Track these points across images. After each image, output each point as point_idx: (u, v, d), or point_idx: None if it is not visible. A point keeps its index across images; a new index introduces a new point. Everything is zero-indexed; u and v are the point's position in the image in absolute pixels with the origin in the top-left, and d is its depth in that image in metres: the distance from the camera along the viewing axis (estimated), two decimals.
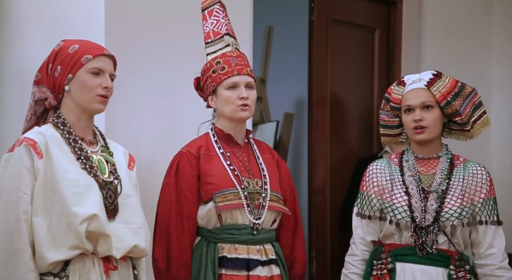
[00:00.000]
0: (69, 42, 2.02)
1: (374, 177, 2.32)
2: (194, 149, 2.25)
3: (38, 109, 2.04)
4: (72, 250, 1.87)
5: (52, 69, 1.99)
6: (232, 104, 2.25)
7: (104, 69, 1.99)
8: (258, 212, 2.23)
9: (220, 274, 2.19)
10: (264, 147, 2.40)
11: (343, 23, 3.72)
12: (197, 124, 2.38)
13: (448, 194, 2.24)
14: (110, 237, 1.90)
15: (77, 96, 1.97)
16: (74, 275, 1.88)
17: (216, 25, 2.34)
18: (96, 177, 1.95)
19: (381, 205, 2.28)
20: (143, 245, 1.98)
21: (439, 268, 2.22)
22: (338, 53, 3.70)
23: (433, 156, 2.30)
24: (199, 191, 2.22)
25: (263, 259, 2.23)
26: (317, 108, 3.64)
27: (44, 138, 1.92)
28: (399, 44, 3.86)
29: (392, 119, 2.36)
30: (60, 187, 1.87)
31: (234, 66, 2.27)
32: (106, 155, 2.02)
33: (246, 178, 2.25)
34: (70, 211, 1.86)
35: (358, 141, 3.84)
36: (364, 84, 3.85)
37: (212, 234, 2.23)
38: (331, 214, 3.67)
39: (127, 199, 1.99)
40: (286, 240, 2.33)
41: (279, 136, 4.30)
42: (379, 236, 2.31)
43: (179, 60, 2.74)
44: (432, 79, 2.29)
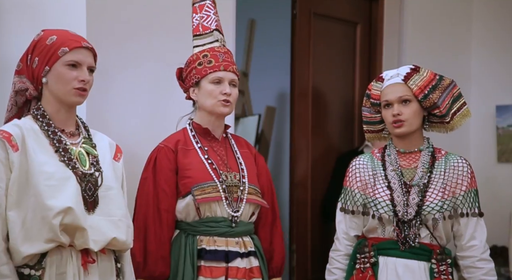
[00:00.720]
0: (48, 33, 1.98)
1: (357, 172, 2.33)
2: (172, 144, 2.25)
3: (20, 99, 2.01)
4: (47, 243, 1.85)
5: (31, 60, 1.96)
6: (214, 98, 2.26)
7: (82, 61, 1.95)
8: (237, 205, 2.25)
9: (199, 266, 2.20)
10: (242, 142, 2.41)
11: (326, 17, 3.73)
12: (179, 116, 2.38)
13: (430, 188, 2.26)
14: (86, 230, 1.88)
15: (54, 88, 1.94)
16: (50, 268, 1.86)
17: (206, 19, 2.34)
18: (75, 169, 1.92)
19: (364, 200, 2.30)
20: (123, 238, 1.95)
21: (421, 262, 2.23)
22: (321, 47, 3.71)
23: (415, 150, 2.31)
24: (177, 185, 2.23)
25: (242, 251, 2.24)
26: (299, 101, 3.65)
27: (20, 131, 1.89)
28: (381, 39, 3.88)
29: (374, 115, 2.38)
30: (35, 180, 1.85)
31: (221, 61, 2.28)
32: (87, 147, 1.99)
33: (224, 171, 2.26)
34: (44, 204, 1.84)
35: (340, 135, 3.86)
36: (346, 78, 3.86)
37: (191, 227, 2.23)
38: (312, 207, 3.68)
39: (108, 191, 1.97)
40: (265, 233, 2.35)
41: (261, 129, 4.31)
42: (362, 230, 2.32)
43: (161, 51, 2.73)
44: (409, 73, 2.30)
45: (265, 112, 4.30)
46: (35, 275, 1.85)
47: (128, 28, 2.67)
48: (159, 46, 2.74)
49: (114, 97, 2.63)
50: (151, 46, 2.73)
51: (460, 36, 4.16)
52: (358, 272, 2.26)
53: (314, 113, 3.70)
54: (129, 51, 2.66)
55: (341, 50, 3.85)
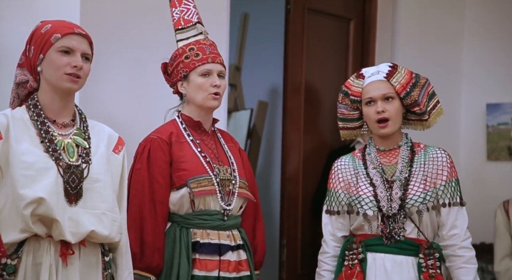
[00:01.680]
0: (44, 23, 1.98)
1: (340, 173, 2.35)
2: (166, 135, 2.25)
3: (21, 92, 1.99)
4: (20, 233, 1.83)
5: (28, 50, 1.96)
6: (205, 91, 2.26)
7: (75, 48, 1.94)
8: (229, 198, 2.25)
9: (194, 259, 2.20)
10: (227, 136, 2.42)
11: (319, 13, 3.73)
12: (169, 106, 2.38)
13: (411, 181, 2.27)
14: (59, 222, 1.85)
15: (48, 75, 1.94)
16: (27, 257, 1.85)
17: (187, 13, 2.34)
18: (59, 160, 1.90)
19: (348, 199, 2.31)
20: (104, 232, 1.92)
21: (409, 257, 2.25)
22: (314, 43, 3.72)
23: (394, 147, 2.33)
24: (171, 177, 2.22)
25: (232, 244, 2.25)
26: (291, 97, 3.66)
27: (6, 120, 1.88)
28: (374, 35, 3.89)
29: (352, 112, 2.38)
30: (13, 169, 1.84)
31: (208, 54, 2.28)
32: (78, 138, 1.97)
33: (217, 165, 2.27)
34: (18, 193, 1.82)
35: (332, 131, 3.85)
36: (338, 74, 3.87)
37: (184, 219, 2.23)
38: (303, 202, 3.69)
39: (94, 184, 1.94)
40: (248, 227, 2.35)
41: (253, 124, 4.30)
42: (349, 230, 2.34)
43: (153, 40, 2.73)
44: (390, 71, 2.32)
45: (257, 107, 4.30)
46: (11, 264, 1.84)
47: (121, 19, 2.67)
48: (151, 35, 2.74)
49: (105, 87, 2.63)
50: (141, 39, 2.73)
51: (452, 33, 4.18)
52: (347, 268, 2.28)
53: (306, 109, 3.71)
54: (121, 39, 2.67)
55: (334, 46, 3.85)
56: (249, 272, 2.28)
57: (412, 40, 3.94)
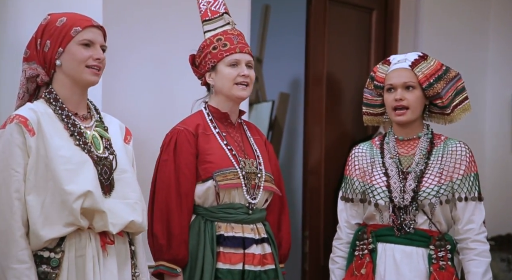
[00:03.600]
0: (56, 16, 1.97)
1: (356, 160, 2.34)
2: (192, 127, 2.25)
3: (30, 86, 2.00)
4: (66, 227, 1.86)
5: (41, 44, 1.95)
6: (232, 81, 2.26)
7: (94, 40, 1.96)
8: (254, 192, 2.25)
9: (218, 252, 2.21)
10: (254, 128, 2.42)
11: (341, 3, 3.70)
12: (192, 99, 2.38)
13: (426, 173, 2.25)
14: (105, 213, 1.89)
15: (69, 69, 1.94)
16: (70, 250, 1.88)
17: (213, 4, 2.33)
18: (90, 153, 1.93)
19: (362, 188, 2.30)
20: (140, 220, 1.97)
21: (419, 248, 2.24)
22: (336, 33, 3.69)
23: (413, 137, 2.31)
24: (197, 169, 2.23)
25: (256, 238, 2.26)
26: (313, 88, 3.64)
27: (36, 115, 1.90)
28: (397, 25, 3.85)
29: (375, 98, 2.37)
30: (53, 164, 1.86)
31: (236, 43, 2.28)
32: (100, 130, 2.00)
33: (242, 158, 2.27)
34: (64, 189, 1.84)
35: (354, 122, 3.84)
36: (360, 64, 3.84)
37: (209, 212, 2.24)
38: (325, 194, 3.68)
39: (122, 174, 1.98)
40: (273, 220, 2.35)
41: (274, 116, 4.30)
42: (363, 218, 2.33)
43: (176, 34, 2.73)
44: (416, 60, 2.29)
45: (279, 99, 4.30)
46: (55, 258, 1.87)
47: (143, 11, 2.67)
48: (175, 29, 2.74)
49: (129, 80, 2.64)
50: (166, 29, 2.73)
51: (478, 23, 4.11)
52: (357, 258, 2.28)
53: (328, 100, 3.69)
54: (144, 33, 2.67)
55: (356, 37, 3.82)
56: (274, 266, 2.28)
57: (436, 30, 3.89)
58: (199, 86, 2.40)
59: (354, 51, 3.83)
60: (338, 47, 3.72)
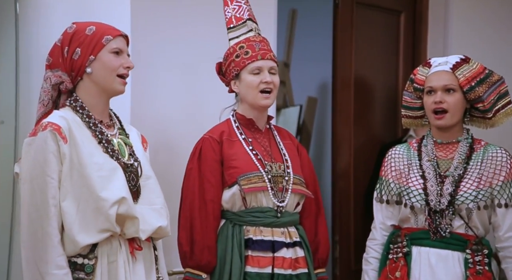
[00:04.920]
0: (82, 24, 2.01)
1: (392, 162, 2.33)
2: (216, 135, 2.27)
3: (54, 93, 2.02)
4: (101, 233, 1.88)
5: (69, 52, 1.97)
6: (255, 89, 2.27)
7: (123, 49, 2.00)
8: (282, 195, 2.26)
9: (246, 255, 2.22)
10: (284, 133, 2.42)
11: (369, 6, 3.69)
12: (221, 107, 2.40)
13: (465, 178, 2.23)
14: (138, 219, 1.91)
15: (99, 77, 1.97)
16: (102, 256, 1.90)
17: (238, 10, 2.35)
18: (118, 160, 1.96)
19: (398, 190, 2.29)
20: (166, 225, 2.00)
21: (455, 252, 2.21)
22: (363, 37, 3.67)
23: (453, 141, 2.28)
24: (223, 175, 2.24)
25: (287, 241, 2.26)
26: (341, 92, 3.63)
27: (67, 123, 1.92)
28: (425, 28, 3.82)
29: (415, 101, 2.35)
30: (87, 171, 1.88)
31: (258, 50, 2.29)
32: (124, 137, 2.03)
33: (269, 162, 2.27)
34: (99, 195, 1.87)
35: (382, 125, 3.82)
36: (389, 67, 3.82)
37: (237, 217, 2.25)
38: (355, 198, 3.66)
39: (147, 181, 2.01)
40: (309, 224, 2.35)
41: (302, 120, 4.29)
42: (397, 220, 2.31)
43: (204, 41, 2.75)
44: (458, 62, 2.27)
45: (307, 103, 4.29)
46: (89, 264, 1.89)
47: (171, 18, 2.69)
48: (202, 37, 2.76)
49: (157, 88, 2.66)
50: (194, 38, 2.75)
51: (509, 25, 4.04)
52: (391, 262, 2.26)
53: (356, 103, 3.67)
54: (172, 40, 2.69)
55: (384, 39, 3.80)
56: (306, 270, 2.28)
57: (466, 33, 3.84)
58: (226, 93, 2.41)
59: (382, 54, 3.81)
60: (366, 50, 3.70)
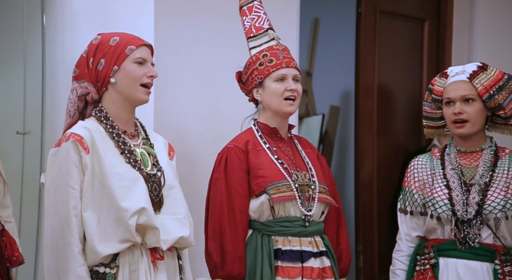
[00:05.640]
0: (107, 35, 2.02)
1: (415, 172, 2.30)
2: (242, 144, 2.26)
3: (80, 104, 2.04)
4: (122, 243, 1.89)
5: (94, 63, 1.99)
6: (280, 96, 2.26)
7: (147, 58, 2.01)
8: (309, 204, 2.25)
9: (276, 266, 2.20)
10: (305, 142, 2.42)
11: (392, 15, 3.68)
12: (242, 117, 2.40)
13: (491, 186, 2.19)
14: (158, 229, 1.92)
15: (123, 87, 1.99)
16: (124, 266, 1.91)
17: (258, 20, 2.35)
18: (140, 170, 1.96)
19: (422, 200, 2.26)
20: (188, 235, 2.00)
21: (483, 263, 2.18)
22: (386, 45, 3.66)
23: (476, 149, 2.25)
24: (249, 185, 2.24)
25: (315, 251, 2.24)
26: (364, 100, 3.61)
27: (90, 133, 1.94)
28: (450, 36, 3.79)
29: (435, 111, 2.33)
30: (108, 181, 1.90)
31: (282, 58, 2.29)
32: (147, 147, 2.04)
33: (294, 171, 2.27)
34: (119, 205, 1.88)
35: (406, 134, 3.79)
36: (412, 76, 3.80)
37: (265, 226, 2.24)
38: (378, 208, 3.63)
39: (170, 190, 2.01)
40: (331, 233, 2.34)
41: (325, 129, 4.28)
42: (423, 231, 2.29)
43: (225, 53, 2.76)
44: (475, 71, 2.24)
45: (329, 112, 4.27)
46: (110, 273, 1.90)
47: (193, 29, 2.71)
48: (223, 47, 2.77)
49: (180, 98, 2.68)
50: (215, 48, 2.76)
51: None
52: (419, 274, 2.23)
53: (379, 112, 3.65)
54: (194, 51, 2.71)
55: (408, 48, 3.79)
56: (333, 279, 2.26)
57: (492, 41, 3.80)
58: (248, 102, 2.41)
59: (406, 62, 3.79)
60: (389, 59, 3.69)
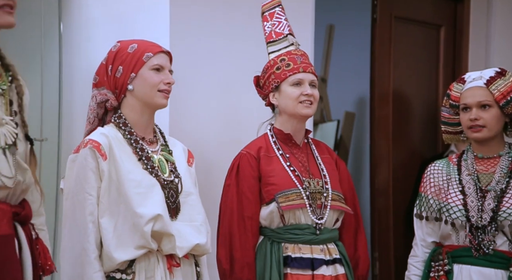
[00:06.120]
0: (126, 43, 2.05)
1: (432, 177, 2.30)
2: (254, 151, 2.27)
3: (100, 111, 2.07)
4: (138, 250, 1.90)
5: (112, 70, 2.02)
6: (296, 100, 2.26)
7: (164, 65, 2.03)
8: (321, 211, 2.24)
9: (285, 273, 2.20)
10: (323, 147, 2.40)
11: (407, 21, 3.67)
12: (258, 122, 2.40)
13: (507, 193, 2.18)
14: (173, 236, 1.93)
15: (141, 93, 2.00)
16: (140, 272, 1.92)
17: (278, 26, 2.37)
18: (158, 177, 1.97)
19: (437, 206, 2.26)
20: (204, 242, 2.00)
21: (498, 270, 2.16)
22: (402, 51, 3.65)
23: (494, 155, 2.24)
24: (261, 192, 2.24)
25: (327, 258, 2.23)
26: (379, 106, 3.60)
27: (107, 140, 1.96)
28: (466, 42, 3.77)
29: (453, 116, 2.32)
30: (124, 188, 1.91)
31: (300, 63, 2.29)
32: (166, 154, 2.05)
33: (307, 178, 2.26)
34: (135, 212, 1.89)
35: (422, 140, 3.77)
36: (428, 82, 3.78)
37: (276, 234, 2.23)
38: (394, 214, 3.61)
39: (188, 197, 2.02)
40: (349, 239, 2.33)
41: (340, 135, 4.27)
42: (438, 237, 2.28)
43: (240, 59, 2.77)
44: (492, 77, 2.22)
45: (344, 118, 4.26)
46: (126, 279, 1.91)
47: (208, 36, 2.72)
48: (238, 54, 2.78)
49: (195, 104, 2.69)
50: (231, 54, 2.77)
51: None
52: None
53: (395, 118, 3.63)
54: (209, 58, 2.72)
55: (423, 54, 3.77)
56: None
57: (509, 46, 3.77)
58: (264, 108, 2.41)
59: (422, 68, 3.77)
60: (405, 65, 3.67)
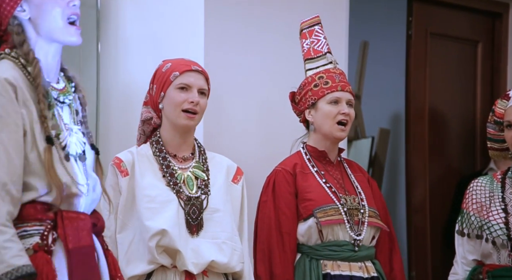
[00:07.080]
0: (165, 62, 2.09)
1: (474, 194, 2.27)
2: (290, 167, 2.26)
3: (147, 128, 2.11)
4: (149, 265, 1.92)
5: (152, 88, 2.08)
6: (332, 119, 2.26)
7: (192, 84, 2.03)
8: (358, 228, 2.22)
9: None
10: (355, 166, 2.40)
11: (443, 37, 3.64)
12: (292, 139, 2.40)
13: None
14: (181, 252, 1.92)
15: (168, 113, 2.04)
16: None
17: (317, 43, 2.37)
18: (179, 193, 1.98)
19: (479, 223, 2.22)
20: (224, 260, 1.97)
21: None
22: (438, 67, 3.61)
23: None
24: (297, 208, 2.22)
25: (365, 276, 2.21)
26: (414, 123, 3.56)
27: (132, 157, 2.00)
28: (505, 58, 3.72)
29: (498, 133, 2.30)
30: (138, 203, 1.95)
31: (338, 82, 2.30)
32: (197, 171, 2.05)
33: (343, 195, 2.25)
34: (144, 225, 1.92)
35: (460, 157, 3.71)
36: (466, 99, 3.74)
37: (314, 250, 2.22)
38: (432, 233, 3.56)
39: (213, 214, 2.01)
40: (384, 258, 2.30)
41: (374, 152, 4.22)
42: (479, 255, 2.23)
43: (275, 77, 2.78)
44: None
45: (379, 134, 4.22)
46: None
47: (243, 54, 2.74)
48: (272, 70, 2.78)
49: (229, 121, 2.70)
50: (265, 72, 2.78)
51: None
52: None
53: (431, 135, 3.59)
54: (244, 76, 2.73)
55: (460, 70, 3.73)
56: None
57: None
58: (299, 125, 2.41)
59: (458, 84, 3.73)
60: (441, 81, 3.64)
